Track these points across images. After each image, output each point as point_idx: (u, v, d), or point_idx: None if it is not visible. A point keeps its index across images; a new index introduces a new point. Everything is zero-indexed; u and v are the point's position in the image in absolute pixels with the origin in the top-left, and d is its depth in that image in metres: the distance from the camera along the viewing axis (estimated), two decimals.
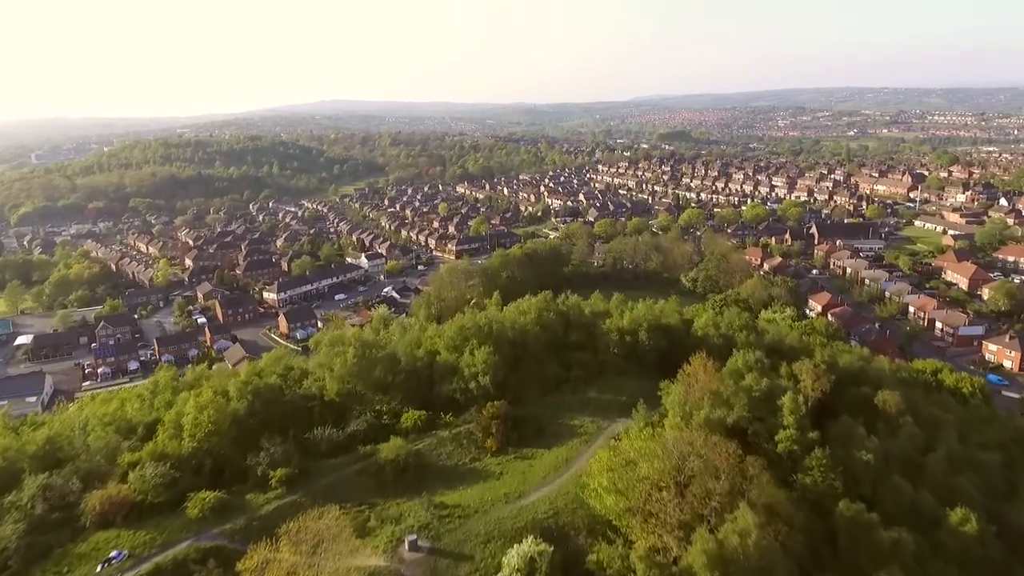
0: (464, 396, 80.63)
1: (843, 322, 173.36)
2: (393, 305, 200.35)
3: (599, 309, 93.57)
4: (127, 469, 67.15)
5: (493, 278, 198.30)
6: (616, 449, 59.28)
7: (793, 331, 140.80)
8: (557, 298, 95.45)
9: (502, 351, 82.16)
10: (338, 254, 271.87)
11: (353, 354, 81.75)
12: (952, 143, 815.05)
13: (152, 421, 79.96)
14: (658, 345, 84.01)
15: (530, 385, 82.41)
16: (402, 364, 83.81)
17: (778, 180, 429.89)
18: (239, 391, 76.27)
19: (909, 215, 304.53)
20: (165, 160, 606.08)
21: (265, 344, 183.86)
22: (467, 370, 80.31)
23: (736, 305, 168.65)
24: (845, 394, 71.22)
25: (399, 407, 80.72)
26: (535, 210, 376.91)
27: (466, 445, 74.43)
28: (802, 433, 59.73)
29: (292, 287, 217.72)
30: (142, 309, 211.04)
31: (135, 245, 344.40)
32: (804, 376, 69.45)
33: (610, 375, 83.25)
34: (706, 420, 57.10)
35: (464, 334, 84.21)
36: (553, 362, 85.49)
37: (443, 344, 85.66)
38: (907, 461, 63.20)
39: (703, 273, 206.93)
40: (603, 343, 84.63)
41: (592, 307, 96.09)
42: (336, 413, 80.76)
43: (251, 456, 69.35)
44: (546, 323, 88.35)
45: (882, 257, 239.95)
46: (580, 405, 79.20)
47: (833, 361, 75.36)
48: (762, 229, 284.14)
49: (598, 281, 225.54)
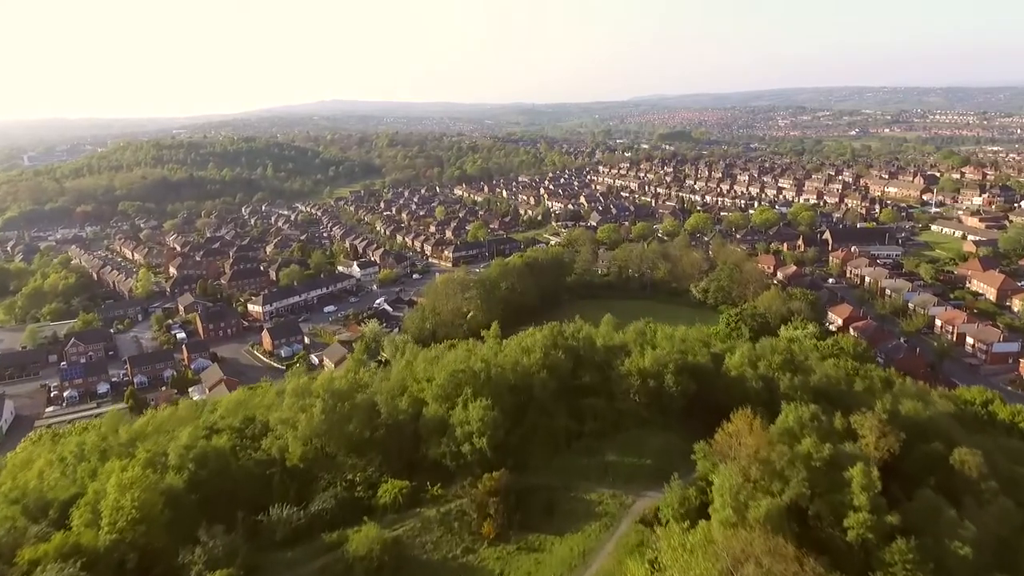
0: (456, 462, 66.61)
1: (867, 338, 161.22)
2: (385, 319, 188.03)
3: (614, 342, 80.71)
4: (28, 569, 51.50)
5: (491, 290, 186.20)
6: (651, 565, 47.27)
7: (818, 351, 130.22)
8: (565, 329, 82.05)
9: (502, 401, 68.37)
10: (329, 262, 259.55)
11: (322, 408, 67.87)
12: (955, 143, 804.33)
13: (72, 497, 64.50)
14: (686, 390, 71.30)
15: (536, 443, 68.88)
16: (382, 417, 69.88)
17: (785, 182, 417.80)
18: (179, 458, 63.11)
19: (925, 219, 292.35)
20: (157, 162, 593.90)
21: (248, 362, 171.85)
22: (460, 429, 65.94)
23: (753, 320, 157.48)
24: (913, 452, 59.30)
25: (376, 474, 67.48)
26: (535, 214, 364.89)
27: (457, 529, 60.90)
28: (878, 516, 47.77)
29: (278, 299, 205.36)
30: (118, 323, 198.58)
31: (121, 251, 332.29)
32: (867, 433, 57.55)
33: (630, 427, 69.99)
34: (767, 516, 45.04)
35: (456, 380, 69.97)
36: (563, 412, 71.43)
37: (432, 393, 70.74)
38: (1004, 547, 51.44)
39: (714, 283, 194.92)
40: (621, 387, 71.65)
41: (605, 339, 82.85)
42: (300, 482, 67.18)
43: (185, 552, 55.16)
44: (554, 364, 74.08)
45: (901, 265, 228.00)
46: (597, 471, 65.42)
47: (895, 409, 63.40)
48: (773, 234, 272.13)
49: (603, 291, 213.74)
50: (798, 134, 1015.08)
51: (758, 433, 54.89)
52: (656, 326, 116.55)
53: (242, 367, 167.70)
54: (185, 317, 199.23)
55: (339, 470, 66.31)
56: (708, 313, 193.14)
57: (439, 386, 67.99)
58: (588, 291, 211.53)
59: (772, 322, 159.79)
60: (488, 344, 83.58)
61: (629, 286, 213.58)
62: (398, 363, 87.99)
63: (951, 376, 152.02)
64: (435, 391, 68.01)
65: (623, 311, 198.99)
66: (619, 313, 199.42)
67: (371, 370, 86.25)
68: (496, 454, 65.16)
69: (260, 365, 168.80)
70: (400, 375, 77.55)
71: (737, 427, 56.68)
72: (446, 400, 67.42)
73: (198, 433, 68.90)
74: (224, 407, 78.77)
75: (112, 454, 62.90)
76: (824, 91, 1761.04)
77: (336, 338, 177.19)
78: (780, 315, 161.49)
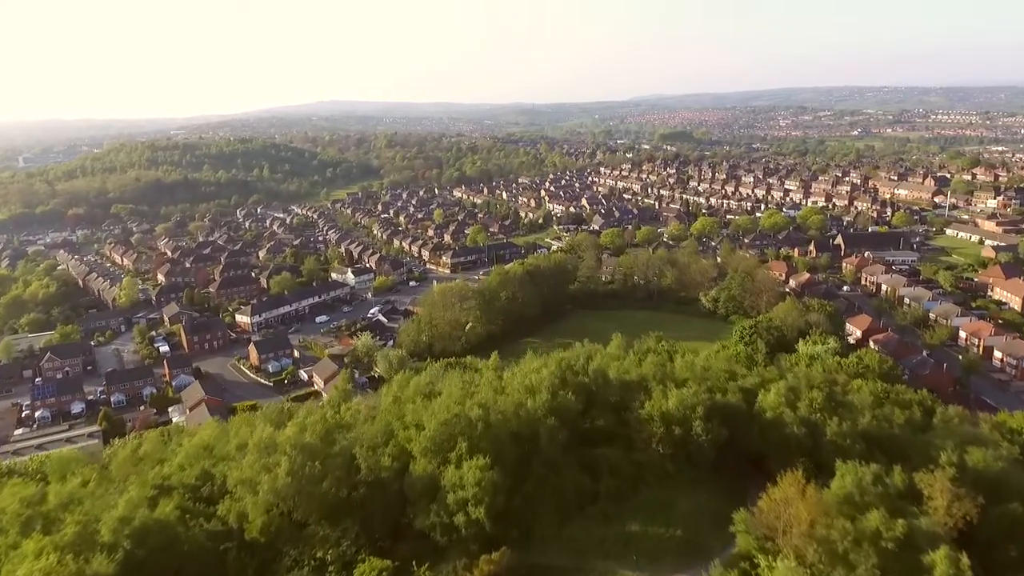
0: (448, 536, 55.73)
1: (890, 352, 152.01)
2: (379, 330, 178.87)
3: (630, 376, 70.79)
4: None
5: (491, 300, 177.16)
6: None
7: (841, 369, 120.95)
8: (574, 360, 72.14)
9: (502, 457, 58.02)
10: (323, 269, 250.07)
11: (288, 469, 56.70)
12: (959, 142, 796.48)
13: None
14: (717, 438, 61.60)
15: (543, 508, 57.80)
16: (362, 473, 59.16)
17: (791, 183, 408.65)
18: (113, 534, 51.35)
19: (939, 223, 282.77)
20: (152, 164, 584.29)
21: (233, 378, 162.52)
22: (452, 494, 55.35)
23: (769, 334, 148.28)
24: (988, 513, 50.33)
25: (352, 549, 55.55)
26: (536, 217, 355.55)
27: None
28: None
29: (268, 309, 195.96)
30: (99, 335, 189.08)
31: (111, 256, 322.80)
32: (936, 495, 48.63)
33: (652, 484, 59.56)
34: None
35: (449, 431, 59.11)
36: (574, 466, 61.39)
37: (420, 445, 59.61)
38: None
39: (725, 292, 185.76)
40: (641, 435, 61.82)
41: (619, 371, 72.83)
42: (259, 560, 55.74)
43: None
44: (563, 407, 64.23)
45: (918, 271, 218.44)
46: (617, 545, 54.89)
47: (961, 462, 54.11)
48: (782, 239, 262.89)
49: (607, 300, 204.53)
50: (800, 134, 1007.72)
51: (812, 501, 45.82)
52: (672, 345, 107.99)
53: (227, 383, 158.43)
54: (170, 328, 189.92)
55: (308, 544, 55.50)
56: (719, 324, 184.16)
57: (429, 438, 58.18)
58: (592, 300, 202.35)
59: (788, 335, 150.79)
60: (486, 378, 73.94)
61: (635, 295, 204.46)
62: (385, 397, 78.44)
63: (980, 393, 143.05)
64: (424, 443, 58.17)
65: (630, 322, 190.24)
66: (625, 324, 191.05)
67: (353, 406, 76.67)
68: (496, 524, 55.23)
69: (246, 381, 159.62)
70: (385, 418, 67.74)
71: (786, 492, 47.56)
72: (437, 454, 57.74)
73: (144, 494, 58.16)
74: (185, 453, 69.01)
75: (37, 522, 52.99)
76: (824, 91, 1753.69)
77: (327, 352, 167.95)
78: (796, 327, 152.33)
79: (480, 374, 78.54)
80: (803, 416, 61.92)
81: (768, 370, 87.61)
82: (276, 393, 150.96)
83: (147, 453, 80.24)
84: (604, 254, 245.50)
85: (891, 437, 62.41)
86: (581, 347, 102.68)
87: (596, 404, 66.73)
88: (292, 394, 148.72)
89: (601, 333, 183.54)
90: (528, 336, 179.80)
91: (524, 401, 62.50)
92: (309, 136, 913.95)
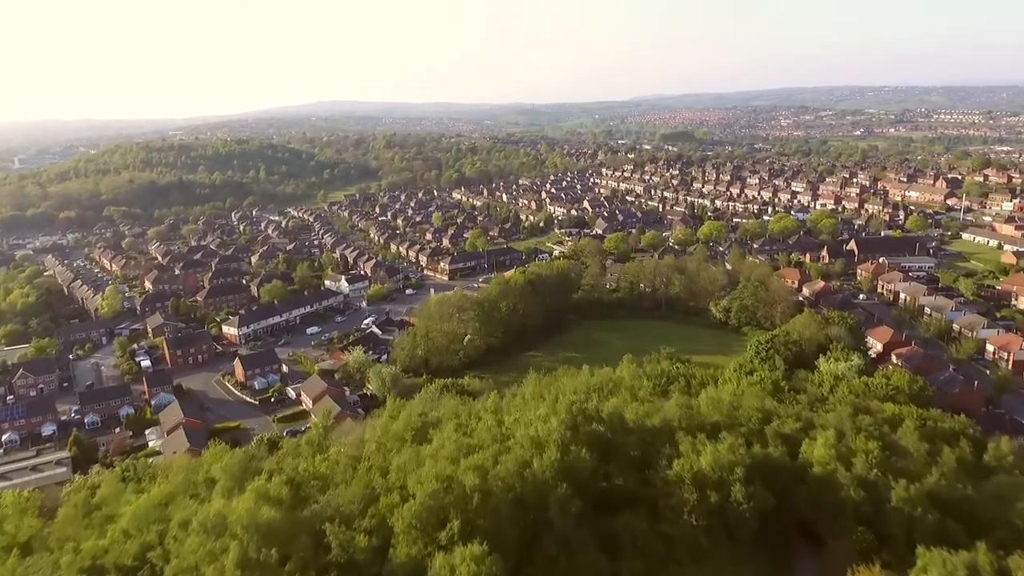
0: None
1: (914, 367, 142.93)
2: (373, 343, 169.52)
3: (652, 422, 60.86)
4: None
5: (490, 311, 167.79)
6: None
7: (870, 390, 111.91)
8: (587, 405, 62.20)
9: (502, 535, 47.59)
10: (315, 276, 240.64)
11: (238, 556, 45.77)
12: (962, 142, 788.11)
13: None
14: (761, 505, 51.96)
15: None
16: (333, 553, 48.43)
17: (798, 185, 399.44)
18: None
19: (955, 227, 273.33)
20: (146, 165, 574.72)
21: (218, 395, 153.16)
22: None
23: (787, 349, 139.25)
24: None
25: None
26: (537, 220, 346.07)
27: None
28: None
29: (256, 319, 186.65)
30: (79, 348, 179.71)
31: (99, 261, 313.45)
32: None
33: (684, 563, 49.20)
34: None
35: (439, 503, 48.85)
36: (589, 543, 50.32)
37: (403, 522, 49.09)
38: None
39: (737, 302, 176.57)
40: (669, 501, 51.91)
41: (639, 414, 62.69)
42: None
43: None
44: (575, 468, 53.20)
45: (936, 279, 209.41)
46: None
47: None
48: (792, 244, 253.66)
49: (613, 310, 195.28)
50: (802, 134, 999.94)
51: None
52: (688, 368, 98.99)
53: (211, 401, 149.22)
54: (153, 341, 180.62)
55: None
56: (731, 335, 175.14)
57: (414, 513, 48.55)
58: (597, 310, 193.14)
59: (807, 349, 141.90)
60: (485, 424, 64.25)
61: (642, 303, 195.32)
62: (369, 444, 68.79)
63: (1012, 413, 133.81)
64: (408, 518, 48.44)
65: (637, 333, 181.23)
66: (632, 335, 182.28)
67: (332, 455, 67.15)
68: None
69: (231, 399, 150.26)
70: (366, 477, 57.77)
71: None
72: (424, 534, 48.21)
73: None
74: (133, 514, 59.28)
75: None
76: (824, 91, 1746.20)
77: (317, 367, 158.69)
78: (816, 342, 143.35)
79: (478, 417, 68.77)
80: (859, 475, 52.70)
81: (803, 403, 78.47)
82: (261, 413, 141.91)
83: (103, 499, 71.24)
84: (608, 260, 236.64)
85: (964, 499, 53.12)
86: (590, 375, 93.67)
87: (614, 456, 56.65)
88: (279, 414, 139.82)
89: (607, 344, 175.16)
90: (530, 349, 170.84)
91: (530, 458, 52.76)
92: (307, 137, 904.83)
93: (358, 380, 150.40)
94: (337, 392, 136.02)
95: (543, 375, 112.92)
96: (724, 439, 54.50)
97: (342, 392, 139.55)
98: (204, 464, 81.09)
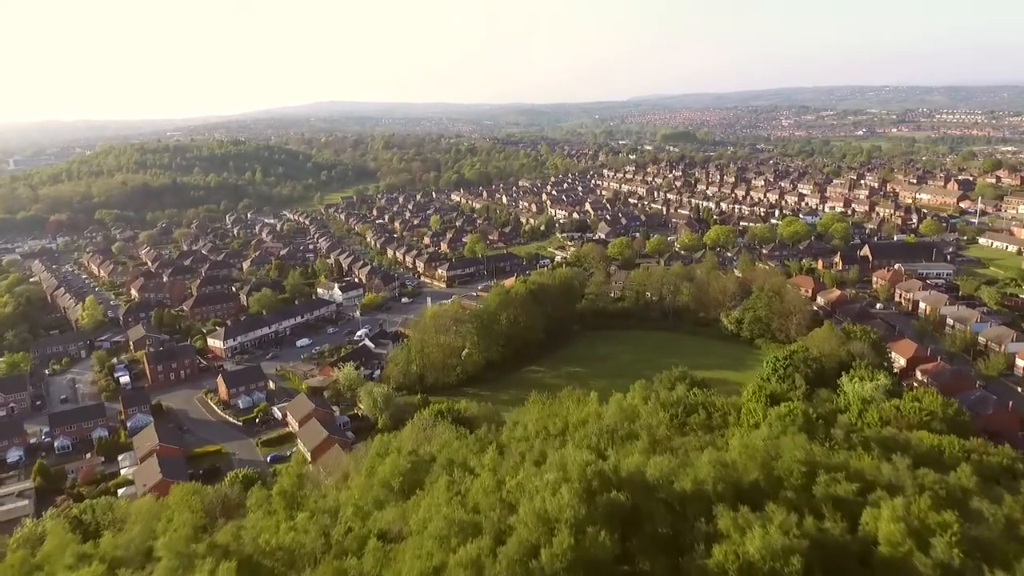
0: None
1: (941, 385, 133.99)
2: (365, 357, 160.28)
3: (682, 485, 50.83)
4: None
5: (490, 324, 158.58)
6: None
7: (904, 417, 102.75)
8: (604, 465, 52.31)
9: None
10: (308, 283, 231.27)
11: None
12: (966, 142, 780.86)
13: None
14: None
15: None
16: None
17: (805, 187, 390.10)
18: None
19: (971, 231, 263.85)
20: (140, 167, 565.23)
21: (199, 415, 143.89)
22: None
23: (807, 366, 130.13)
24: None
25: None
26: (537, 223, 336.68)
27: None
28: None
29: (243, 331, 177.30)
30: (55, 362, 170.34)
31: (88, 266, 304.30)
32: None
33: None
34: None
35: None
36: None
37: None
38: None
39: (750, 313, 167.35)
40: None
41: (663, 472, 51.95)
42: None
43: None
44: (594, 557, 42.18)
45: (956, 287, 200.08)
46: None
47: None
48: (803, 249, 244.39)
49: (619, 320, 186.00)
50: (803, 134, 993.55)
51: None
52: (707, 396, 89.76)
53: (191, 422, 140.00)
54: (134, 355, 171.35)
55: None
56: (743, 348, 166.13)
57: None
58: (601, 320, 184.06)
59: (827, 366, 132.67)
60: (483, 488, 54.45)
61: (649, 314, 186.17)
62: (345, 507, 59.04)
63: None
64: None
65: (643, 345, 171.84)
66: (639, 348, 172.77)
67: (298, 524, 57.58)
68: None
69: (214, 419, 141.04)
70: (334, 565, 47.83)
71: None
72: None
73: None
74: None
75: None
76: (824, 90, 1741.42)
77: (306, 384, 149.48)
78: (837, 358, 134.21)
79: (474, 473, 59.31)
80: (941, 560, 43.23)
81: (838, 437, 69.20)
82: (245, 435, 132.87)
83: (46, 556, 62.11)
84: (612, 266, 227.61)
85: None
86: (598, 404, 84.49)
87: (638, 531, 46.87)
88: (263, 436, 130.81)
89: (612, 358, 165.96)
90: (532, 364, 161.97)
91: (536, 542, 43.33)
92: (305, 138, 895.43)
93: (349, 399, 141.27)
94: (325, 414, 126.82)
95: (547, 398, 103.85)
96: (773, 513, 45.12)
97: (330, 413, 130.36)
98: (167, 511, 72.02)
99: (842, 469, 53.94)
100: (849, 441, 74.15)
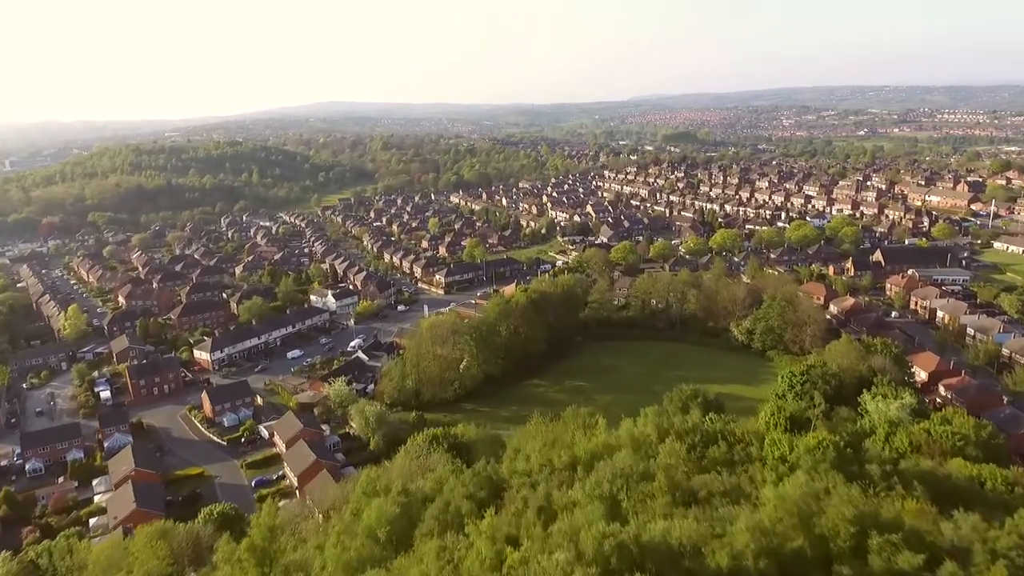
0: None
1: (967, 402, 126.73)
2: (358, 371, 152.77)
3: (715, 564, 43.20)
4: None
5: (489, 336, 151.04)
6: None
7: (936, 442, 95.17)
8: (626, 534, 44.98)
9: None
10: (301, 290, 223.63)
11: None
12: (969, 142, 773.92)
13: None
14: None
15: None
16: None
17: (811, 189, 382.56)
18: None
19: (985, 235, 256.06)
20: (135, 168, 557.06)
21: (181, 434, 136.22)
22: None
23: (826, 382, 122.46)
24: None
25: None
26: (538, 226, 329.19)
27: None
28: None
29: (232, 342, 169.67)
30: (34, 376, 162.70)
31: (77, 271, 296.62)
32: None
33: None
34: None
35: None
36: None
37: None
38: None
39: (762, 323, 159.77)
40: None
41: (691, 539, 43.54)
42: None
43: None
44: None
45: (973, 293, 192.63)
46: None
47: None
48: (813, 254, 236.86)
49: (624, 330, 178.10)
50: (805, 134, 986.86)
51: None
52: (725, 422, 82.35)
53: (173, 442, 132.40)
54: (116, 367, 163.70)
55: None
56: (754, 360, 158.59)
57: None
58: (605, 330, 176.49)
59: (846, 382, 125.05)
60: (479, 560, 47.34)
61: (655, 323, 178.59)
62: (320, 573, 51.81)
63: None
64: None
65: (649, 357, 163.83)
66: (645, 359, 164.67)
67: None
68: None
69: (197, 438, 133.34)
70: None
71: None
72: None
73: None
74: None
75: None
76: (824, 90, 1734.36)
77: (295, 399, 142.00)
78: (856, 373, 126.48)
79: (470, 543, 51.85)
80: None
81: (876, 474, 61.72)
82: (229, 455, 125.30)
83: None
84: (615, 272, 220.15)
85: None
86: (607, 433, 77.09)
87: None
88: (248, 457, 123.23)
89: (617, 371, 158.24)
90: (534, 377, 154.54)
91: None
92: (303, 138, 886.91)
93: (340, 416, 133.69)
94: (313, 435, 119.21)
95: (550, 419, 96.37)
96: None
97: (319, 434, 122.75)
98: (129, 559, 64.57)
99: (896, 529, 46.37)
100: (887, 480, 66.78)
